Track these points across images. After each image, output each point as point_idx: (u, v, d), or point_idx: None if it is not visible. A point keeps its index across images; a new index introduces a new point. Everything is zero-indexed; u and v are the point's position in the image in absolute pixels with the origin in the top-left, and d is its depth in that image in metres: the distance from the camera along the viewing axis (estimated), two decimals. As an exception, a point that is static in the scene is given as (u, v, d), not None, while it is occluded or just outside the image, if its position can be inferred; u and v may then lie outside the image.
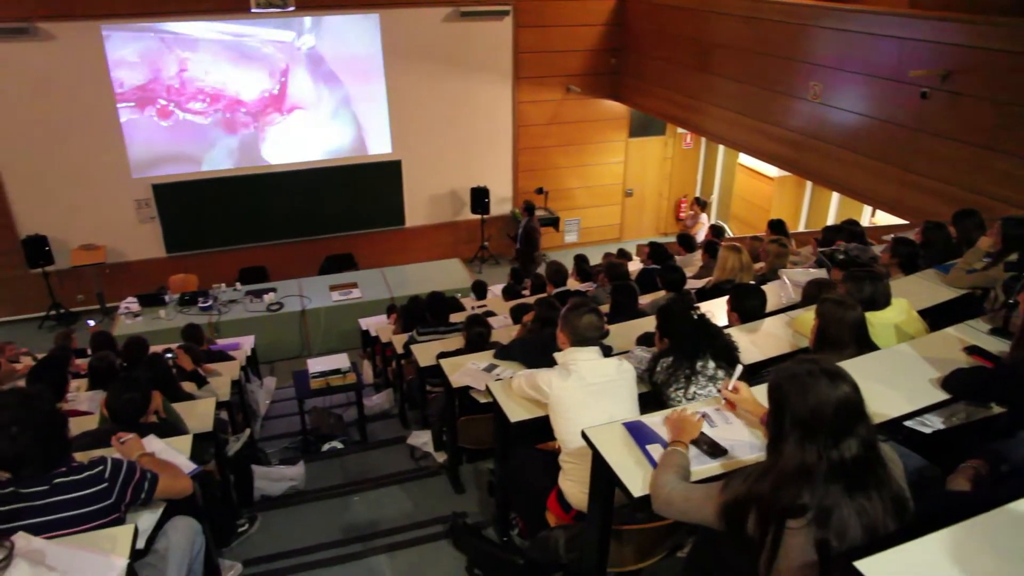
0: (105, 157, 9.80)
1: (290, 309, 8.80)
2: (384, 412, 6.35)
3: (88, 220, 10.00)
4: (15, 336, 8.83)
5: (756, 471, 1.97)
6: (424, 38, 10.49)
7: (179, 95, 9.85)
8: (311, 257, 10.88)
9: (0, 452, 2.24)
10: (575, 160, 11.96)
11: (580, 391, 2.96)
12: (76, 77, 9.33)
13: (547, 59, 11.07)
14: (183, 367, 4.82)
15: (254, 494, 4.58)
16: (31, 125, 9.38)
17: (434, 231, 11.70)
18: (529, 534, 3.56)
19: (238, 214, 10.61)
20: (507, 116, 11.36)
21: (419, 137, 11.01)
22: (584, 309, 3.08)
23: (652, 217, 13.03)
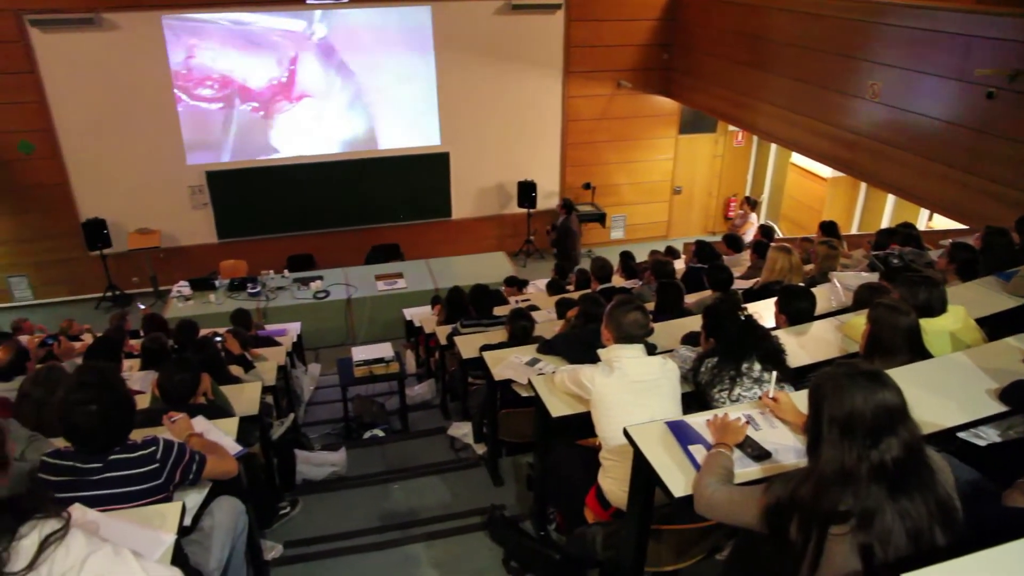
0: (162, 144, 10.06)
1: (336, 297, 8.92)
2: (426, 402, 6.40)
3: (144, 205, 10.29)
4: (73, 315, 9.14)
5: (798, 475, 1.94)
6: (475, 31, 10.51)
7: (231, 82, 10.06)
8: (358, 246, 11.01)
9: (74, 425, 2.32)
10: (623, 156, 11.86)
11: (623, 388, 2.94)
12: (136, 66, 9.60)
13: (598, 54, 10.99)
14: (231, 351, 4.93)
15: (296, 478, 4.65)
16: (93, 112, 9.69)
17: (480, 224, 11.74)
18: (566, 529, 3.56)
19: (288, 202, 10.79)
20: (556, 110, 11.32)
21: (468, 130, 11.05)
22: (630, 306, 3.05)
23: (700, 215, 12.87)
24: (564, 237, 10.15)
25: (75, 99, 9.57)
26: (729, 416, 2.57)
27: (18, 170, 9.75)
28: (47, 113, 9.54)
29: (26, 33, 9.09)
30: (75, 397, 2.32)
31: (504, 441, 4.40)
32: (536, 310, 5.85)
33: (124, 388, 2.51)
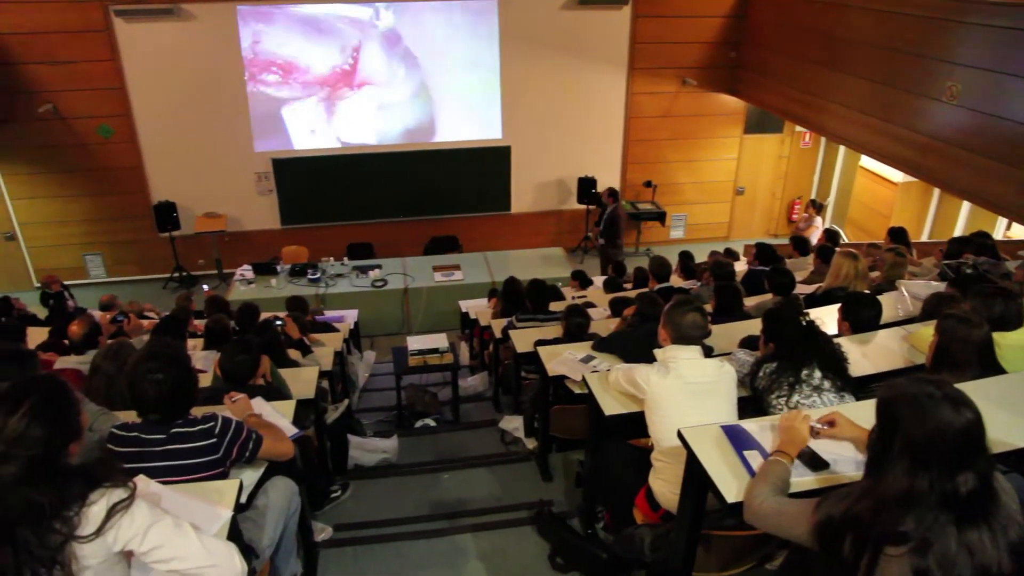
0: (231, 131, 10.36)
1: (393, 286, 9.04)
2: (478, 394, 6.43)
3: (212, 190, 10.62)
4: (141, 294, 9.52)
5: (856, 491, 1.85)
6: (540, 25, 10.48)
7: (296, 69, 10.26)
8: (417, 237, 11.13)
9: (141, 395, 2.42)
10: (686, 155, 11.68)
11: (678, 390, 2.91)
12: (210, 54, 9.90)
13: (664, 50, 10.84)
14: (291, 335, 5.03)
15: (348, 462, 4.74)
16: (168, 99, 10.03)
17: (539, 218, 11.73)
18: (614, 529, 3.54)
19: (350, 191, 10.97)
20: (619, 107, 11.22)
21: (529, 124, 11.04)
22: (688, 307, 3.01)
23: (763, 217, 12.59)
24: (611, 225, 10.06)
25: (152, 86, 9.93)
26: (798, 418, 2.47)
27: (97, 153, 10.18)
28: (126, 99, 9.93)
29: (111, 23, 9.49)
30: (144, 367, 2.42)
31: (555, 437, 4.40)
32: (592, 307, 5.82)
33: (189, 363, 2.60)
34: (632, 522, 3.17)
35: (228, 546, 1.95)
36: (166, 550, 1.79)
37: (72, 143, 10.06)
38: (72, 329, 4.97)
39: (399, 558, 3.72)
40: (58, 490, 1.65)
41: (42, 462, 1.67)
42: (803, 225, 10.92)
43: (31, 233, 10.62)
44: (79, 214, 10.54)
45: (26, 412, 1.69)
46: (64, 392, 1.82)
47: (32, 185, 10.30)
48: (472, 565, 3.65)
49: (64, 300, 8.62)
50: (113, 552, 1.72)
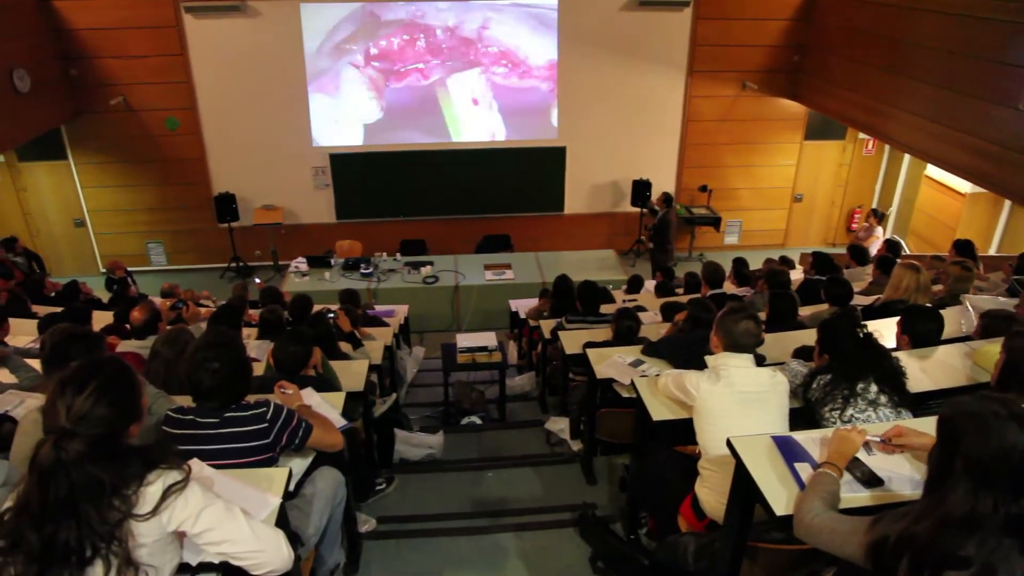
0: (291, 125, 10.59)
1: (445, 283, 9.10)
2: (525, 394, 6.43)
3: (271, 183, 10.87)
4: (199, 283, 9.79)
5: (914, 511, 1.78)
6: (600, 26, 10.43)
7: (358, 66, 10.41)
8: (469, 235, 11.20)
9: (197, 382, 2.49)
10: (744, 159, 11.48)
11: (728, 398, 2.87)
12: (273, 50, 10.13)
13: (725, 53, 10.67)
14: (342, 328, 5.11)
15: (394, 456, 4.79)
16: (232, 93, 10.31)
17: (592, 220, 11.68)
18: (658, 536, 3.50)
19: (405, 187, 11.09)
20: (677, 110, 11.09)
21: (586, 125, 10.99)
22: (742, 314, 2.96)
23: (821, 226, 12.29)
24: (662, 230, 9.95)
25: (217, 80, 10.22)
26: (854, 432, 2.42)
27: (163, 145, 10.51)
28: (192, 93, 10.23)
29: (181, 19, 9.79)
30: (201, 355, 2.49)
31: (601, 440, 4.37)
32: (643, 311, 5.76)
33: (243, 352, 2.66)
34: (676, 530, 3.13)
35: (276, 533, 1.99)
36: (217, 533, 1.84)
37: (140, 134, 10.42)
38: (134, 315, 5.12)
39: (441, 553, 3.74)
40: (118, 469, 1.71)
41: (105, 441, 1.73)
42: (863, 235, 10.62)
43: (99, 220, 11.03)
44: (144, 203, 10.91)
45: (92, 392, 1.75)
46: (128, 375, 1.88)
47: (102, 174, 10.70)
48: (513, 564, 3.65)
49: (127, 286, 8.92)
50: (167, 532, 1.78)
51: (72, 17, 9.58)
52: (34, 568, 1.63)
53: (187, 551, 1.94)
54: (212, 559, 1.96)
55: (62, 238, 11.14)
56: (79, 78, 9.93)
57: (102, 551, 1.67)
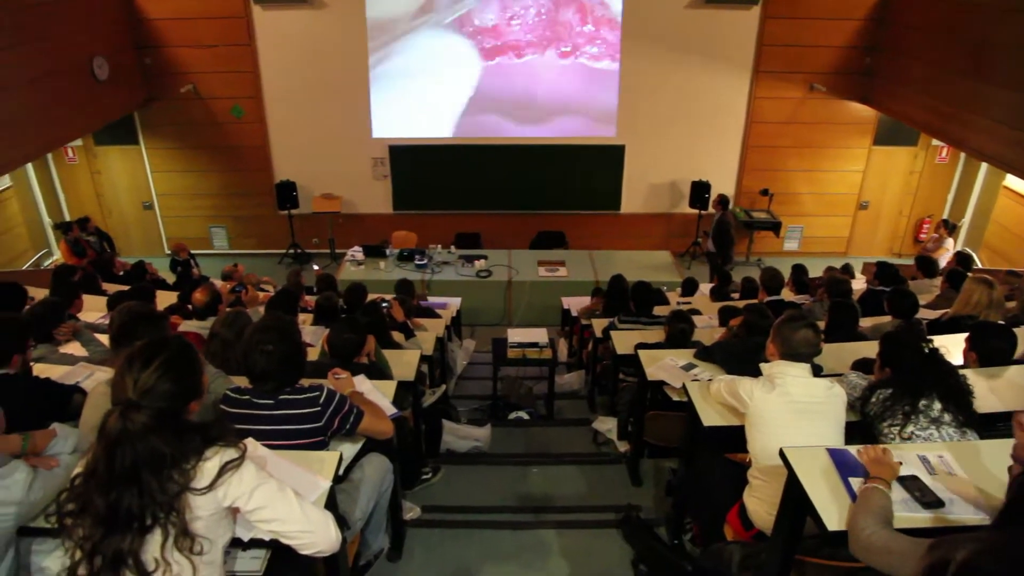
0: (352, 116, 10.74)
1: (498, 278, 9.13)
2: (573, 392, 6.41)
3: (331, 172, 11.06)
4: (258, 268, 10.04)
5: (984, 542, 1.64)
6: (665, 23, 10.28)
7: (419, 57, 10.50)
8: (524, 230, 11.20)
9: (253, 364, 2.56)
10: (808, 164, 11.19)
11: (782, 407, 2.81)
12: (337, 41, 10.28)
13: (793, 53, 10.41)
14: (396, 317, 5.17)
15: (441, 446, 4.83)
16: (296, 83, 10.52)
17: (648, 220, 11.55)
18: (703, 543, 3.46)
19: (462, 181, 11.16)
20: (740, 111, 10.88)
21: (646, 124, 10.87)
22: (801, 323, 2.89)
23: (886, 235, 11.90)
24: (721, 233, 9.77)
25: (282, 70, 10.44)
26: (889, 453, 2.36)
27: (229, 132, 10.80)
28: (258, 82, 10.47)
29: (250, 10, 10.03)
30: (257, 338, 2.56)
31: (648, 442, 4.33)
32: (697, 314, 5.68)
33: (299, 337, 2.72)
34: (722, 538, 3.08)
35: (325, 515, 2.02)
36: (269, 511, 1.88)
37: (207, 122, 10.72)
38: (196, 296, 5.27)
39: (483, 545, 3.76)
40: (179, 443, 1.77)
41: (167, 415, 1.79)
42: (932, 246, 10.25)
43: (166, 204, 11.40)
44: (208, 188, 11.24)
45: (157, 368, 1.82)
46: (191, 353, 1.95)
47: (170, 159, 11.06)
48: (554, 561, 3.65)
49: (190, 268, 9.21)
50: (222, 507, 1.83)
51: (149, 7, 9.91)
52: (100, 531, 1.71)
53: (240, 527, 1.99)
54: (263, 536, 2.02)
55: (132, 220, 11.55)
56: (153, 66, 10.27)
57: (161, 520, 1.73)
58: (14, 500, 1.88)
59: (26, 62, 7.67)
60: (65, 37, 8.42)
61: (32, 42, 7.75)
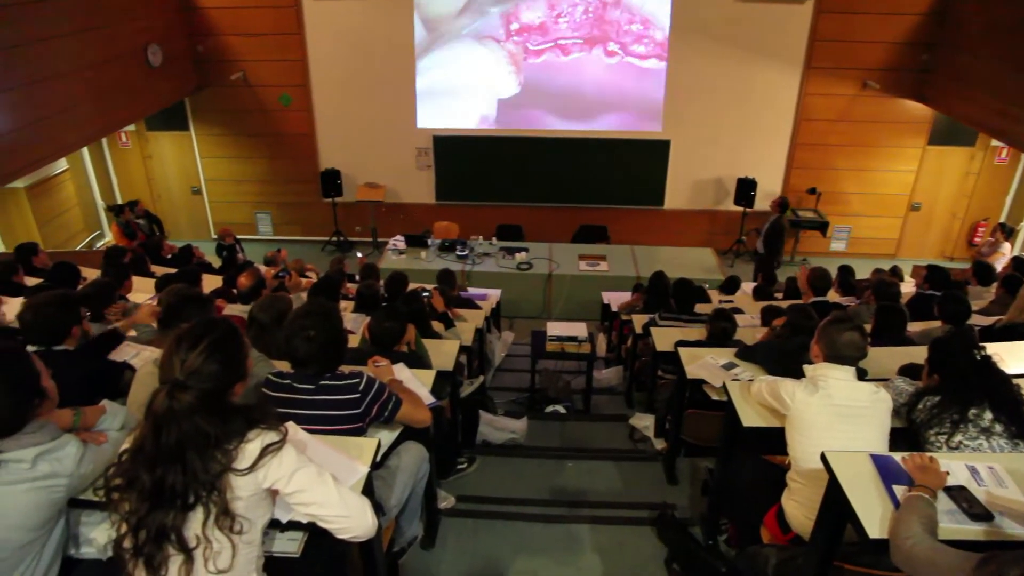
0: (397, 106, 10.84)
1: (538, 271, 9.12)
2: (611, 387, 6.38)
3: (375, 161, 11.17)
4: (301, 254, 10.19)
5: None
6: (715, 18, 10.13)
7: (466, 49, 10.51)
8: (566, 224, 11.17)
9: (294, 349, 2.60)
10: (858, 163, 10.93)
11: (825, 410, 2.75)
12: (385, 32, 10.38)
13: (846, 49, 10.16)
14: (436, 307, 5.19)
15: (477, 437, 4.85)
16: (343, 72, 10.65)
17: (692, 217, 11.42)
18: (738, 544, 3.42)
19: (504, 173, 11.17)
20: (789, 107, 10.67)
21: (692, 119, 10.73)
22: (848, 325, 2.83)
23: (938, 237, 11.57)
24: (774, 236, 9.60)
25: (330, 59, 10.57)
26: (935, 461, 2.30)
27: (276, 119, 10.97)
28: (306, 70, 10.61)
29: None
30: (299, 323, 2.59)
31: (685, 441, 4.29)
32: (740, 313, 5.60)
33: (340, 324, 2.75)
34: (758, 540, 3.04)
35: (363, 501, 2.05)
36: (308, 495, 1.91)
37: (256, 109, 10.90)
38: (241, 280, 5.38)
39: (516, 537, 3.77)
40: (222, 424, 1.81)
41: (212, 396, 1.83)
42: (987, 250, 9.93)
43: (213, 189, 11.64)
44: (254, 175, 11.44)
45: (204, 349, 1.86)
46: (237, 336, 1.98)
47: (218, 145, 11.28)
48: (587, 557, 3.65)
49: (235, 252, 9.38)
50: (261, 488, 1.86)
51: (202, -5, 10.13)
52: (145, 506, 1.75)
53: (279, 508, 2.03)
54: (301, 519, 2.05)
55: (180, 204, 11.82)
56: (204, 54, 10.47)
57: (203, 498, 1.77)
58: (65, 472, 1.94)
59: (85, 49, 7.90)
60: (122, 25, 8.64)
61: (91, 30, 7.98)
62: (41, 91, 7.25)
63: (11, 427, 1.89)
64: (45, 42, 7.26)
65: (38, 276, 5.69)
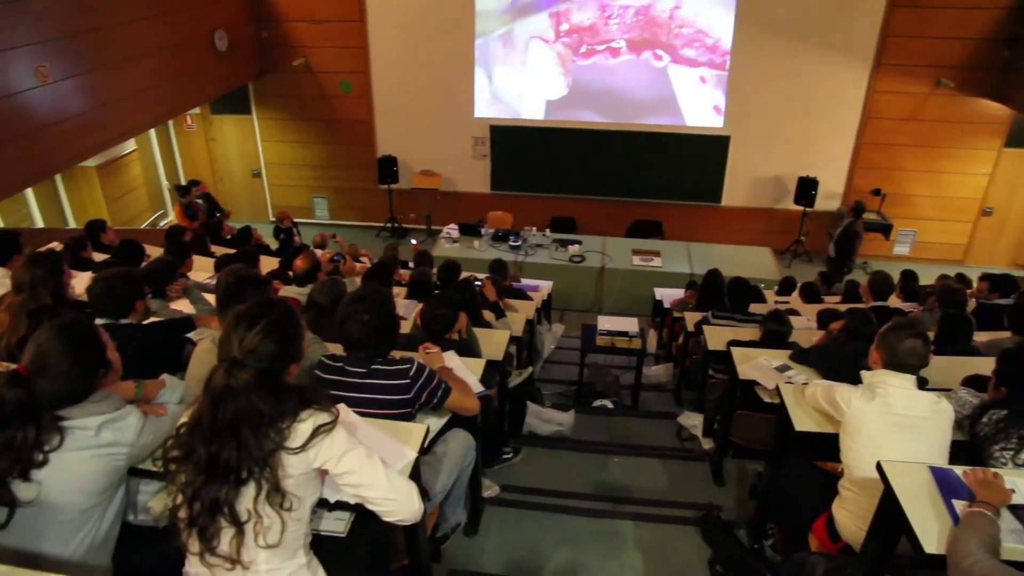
0: (455, 95, 10.88)
1: (590, 264, 9.07)
2: (660, 384, 6.32)
3: (431, 149, 11.25)
4: (356, 239, 10.32)
5: None
6: (782, 11, 9.88)
7: (526, 40, 10.48)
8: (620, 218, 11.07)
9: (347, 332, 2.64)
10: (927, 164, 10.53)
11: (882, 418, 2.67)
12: (446, 21, 10.41)
13: (919, 45, 9.78)
14: (487, 297, 5.21)
15: (523, 428, 4.85)
16: (403, 60, 10.75)
17: (749, 215, 11.19)
18: (784, 550, 3.35)
19: (560, 164, 11.12)
20: (856, 105, 10.33)
21: (754, 115, 10.50)
22: (910, 331, 2.73)
23: (1011, 245, 11.07)
24: (847, 241, 9.31)
25: (390, 46, 10.68)
26: (1000, 477, 2.21)
27: (337, 106, 11.14)
28: (366, 58, 10.74)
29: (363, -14, 10.30)
30: (353, 307, 2.63)
31: (734, 442, 4.23)
32: (795, 315, 5.48)
33: (393, 309, 2.77)
34: (805, 547, 2.98)
35: (410, 485, 2.07)
36: (356, 476, 1.94)
37: (316, 95, 11.09)
38: (297, 263, 5.48)
39: (559, 529, 3.77)
40: (277, 403, 1.85)
41: (268, 375, 1.87)
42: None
43: (273, 172, 11.90)
44: (313, 159, 11.64)
45: (262, 329, 1.90)
46: (294, 318, 2.02)
47: (279, 129, 11.50)
48: (630, 553, 3.62)
49: (292, 235, 9.56)
50: (312, 468, 1.90)
51: (269, -18, 10.33)
52: (200, 478, 1.80)
53: (327, 488, 2.06)
54: (348, 499, 2.08)
55: (240, 186, 12.11)
56: (269, 40, 10.69)
57: (255, 474, 1.81)
58: (127, 442, 2.01)
59: (156, 33, 8.15)
60: (190, 10, 8.88)
61: (161, 15, 8.23)
62: (115, 74, 7.52)
63: (78, 396, 1.96)
64: (120, 27, 7.52)
65: (105, 252, 5.90)
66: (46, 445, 1.88)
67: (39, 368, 1.90)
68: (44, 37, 6.48)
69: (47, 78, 6.49)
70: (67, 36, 6.78)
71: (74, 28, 6.87)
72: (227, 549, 1.83)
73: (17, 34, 6.18)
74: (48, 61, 6.50)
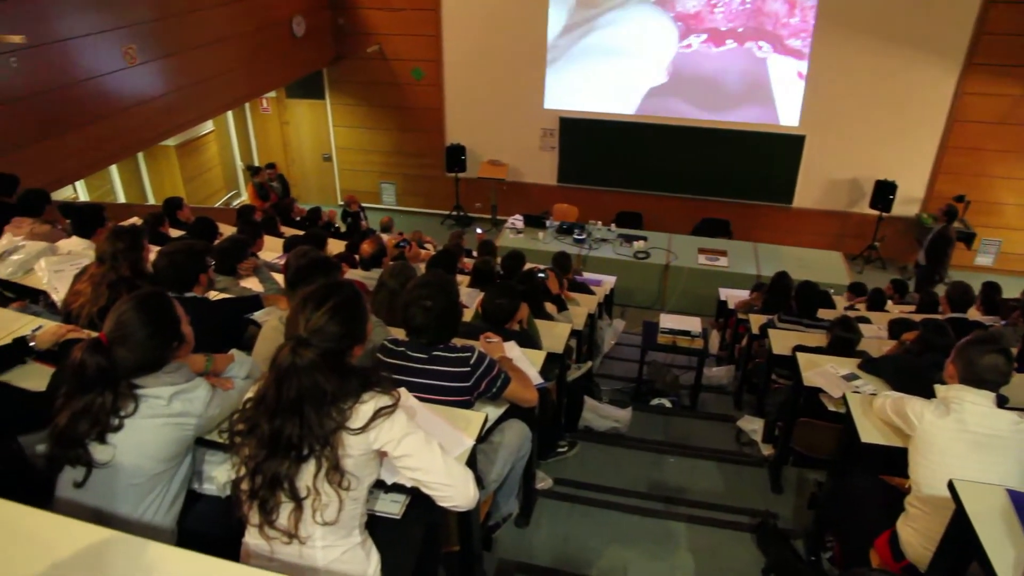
0: (526, 87, 10.88)
1: (655, 261, 8.97)
2: (720, 386, 6.21)
3: (500, 139, 11.29)
4: (421, 226, 10.44)
5: None
6: (867, 6, 9.52)
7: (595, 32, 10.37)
8: (687, 215, 10.91)
9: (411, 317, 2.66)
10: (1017, 171, 10.00)
11: (956, 435, 2.56)
12: (519, 11, 10.41)
13: (1018, 44, 9.23)
14: (550, 289, 5.19)
15: (580, 422, 4.84)
16: (475, 49, 10.80)
17: (821, 217, 10.86)
18: (843, 564, 3.25)
19: (629, 159, 11.02)
20: (942, 107, 9.87)
21: (831, 113, 10.16)
22: (991, 346, 2.61)
23: (1105, 260, 10.48)
24: (938, 247, 8.92)
25: (463, 35, 10.74)
26: None
27: (408, 93, 11.27)
28: (439, 46, 10.83)
29: (438, -25, 10.38)
30: (417, 293, 2.65)
31: (795, 449, 4.12)
32: (866, 323, 5.30)
33: (456, 296, 2.79)
34: (866, 563, 2.89)
35: (466, 472, 2.08)
36: (414, 460, 1.96)
37: (388, 81, 11.24)
38: (364, 247, 5.56)
39: (610, 526, 3.74)
40: (340, 383, 1.88)
41: (332, 355, 1.91)
42: None
43: (343, 157, 12.12)
44: (382, 145, 11.82)
45: (328, 310, 1.94)
46: (359, 300, 2.05)
47: (351, 115, 11.71)
48: (681, 556, 3.57)
49: (359, 219, 9.74)
50: (371, 449, 1.93)
51: (346, -29, 10.52)
52: (263, 453, 1.85)
53: (385, 470, 2.09)
54: (405, 482, 2.11)
55: (311, 169, 12.39)
56: (344, 26, 10.88)
57: (316, 452, 1.85)
58: (196, 413, 2.08)
59: (237, 18, 8.39)
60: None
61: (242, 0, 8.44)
62: (197, 57, 7.78)
63: (153, 365, 2.04)
64: (203, 11, 7.77)
65: (181, 229, 6.11)
66: (122, 411, 1.95)
67: (119, 337, 1.98)
68: (133, 20, 6.75)
69: (135, 60, 6.76)
70: (155, 20, 7.04)
71: (162, 12, 7.13)
72: (285, 523, 1.88)
73: (109, 17, 6.45)
74: (136, 43, 6.77)
